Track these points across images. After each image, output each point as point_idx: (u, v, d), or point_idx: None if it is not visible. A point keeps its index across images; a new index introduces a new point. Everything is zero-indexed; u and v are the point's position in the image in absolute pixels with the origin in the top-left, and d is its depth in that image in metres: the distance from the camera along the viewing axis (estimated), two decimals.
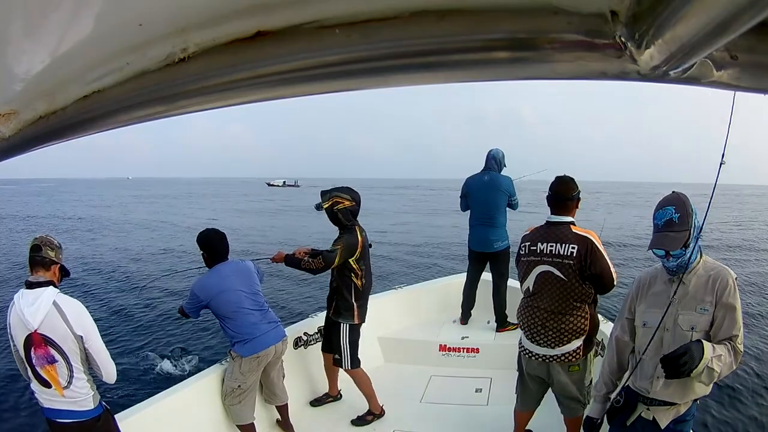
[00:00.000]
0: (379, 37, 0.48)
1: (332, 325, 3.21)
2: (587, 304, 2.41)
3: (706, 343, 1.76)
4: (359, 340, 3.21)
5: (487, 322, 4.20)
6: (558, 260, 2.38)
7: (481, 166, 4.19)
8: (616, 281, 2.41)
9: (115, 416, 2.35)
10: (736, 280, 1.86)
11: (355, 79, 0.53)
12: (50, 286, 2.10)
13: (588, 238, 2.37)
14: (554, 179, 2.54)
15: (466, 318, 4.30)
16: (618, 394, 2.03)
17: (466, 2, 0.45)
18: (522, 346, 2.58)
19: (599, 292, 2.44)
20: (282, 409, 3.08)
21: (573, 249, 2.35)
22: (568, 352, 2.40)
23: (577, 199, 2.51)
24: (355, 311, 3.12)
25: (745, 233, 19.17)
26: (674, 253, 1.83)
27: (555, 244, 2.40)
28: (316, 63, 0.52)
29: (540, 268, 2.44)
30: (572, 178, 2.53)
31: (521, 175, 4.47)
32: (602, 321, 2.63)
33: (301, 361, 3.52)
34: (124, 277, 11.21)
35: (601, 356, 2.88)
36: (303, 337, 3.59)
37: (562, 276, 2.37)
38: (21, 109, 0.65)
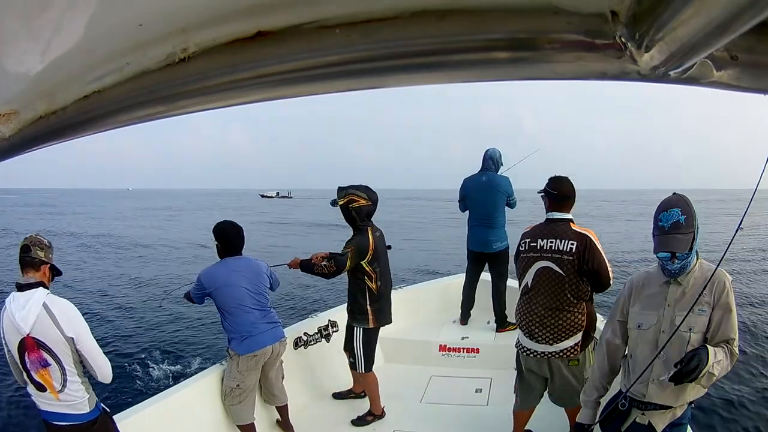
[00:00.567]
0: (379, 37, 0.48)
1: (348, 328, 3.21)
2: (584, 301, 2.44)
3: (711, 348, 1.74)
4: (375, 344, 3.18)
5: (487, 323, 4.20)
6: (557, 256, 2.42)
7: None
8: (612, 281, 2.45)
9: (116, 416, 2.34)
10: (732, 283, 1.85)
11: (355, 79, 0.53)
12: (40, 288, 2.05)
13: (587, 236, 2.42)
14: (552, 178, 2.56)
15: (465, 318, 4.30)
16: (622, 397, 1.98)
17: (466, 2, 0.45)
18: (520, 344, 2.60)
19: (596, 290, 2.48)
20: (282, 410, 3.08)
21: (572, 245, 2.39)
22: (567, 348, 2.43)
23: (574, 196, 2.55)
24: (370, 315, 3.07)
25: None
26: (680, 255, 1.80)
27: (555, 240, 2.44)
28: (317, 63, 0.52)
29: (539, 264, 2.47)
30: (568, 178, 2.56)
31: (513, 164, 4.40)
32: (600, 320, 2.64)
33: (301, 361, 3.51)
34: (124, 280, 11.17)
35: None
36: (303, 338, 3.58)
37: (561, 271, 2.40)
38: (21, 109, 0.65)
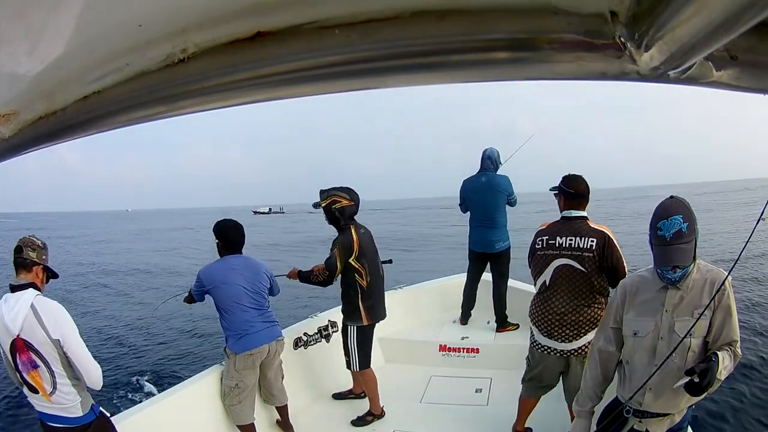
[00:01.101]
0: (379, 38, 0.48)
1: (343, 328, 3.22)
2: (604, 296, 2.48)
3: (720, 355, 1.67)
4: (371, 341, 3.18)
5: (487, 323, 4.19)
6: (578, 253, 2.43)
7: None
8: (627, 275, 2.45)
9: (115, 417, 2.34)
10: (731, 283, 1.76)
11: (355, 79, 0.53)
12: (30, 289, 2.02)
13: (604, 232, 2.45)
14: (566, 176, 2.57)
15: (466, 318, 4.29)
16: (625, 405, 1.91)
17: (466, 2, 0.45)
18: (537, 342, 2.59)
19: (612, 286, 2.50)
20: (282, 410, 3.08)
21: (592, 242, 2.41)
22: (584, 345, 2.44)
23: (589, 194, 2.56)
24: (363, 312, 3.08)
25: None
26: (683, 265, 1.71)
27: (574, 238, 2.45)
28: (316, 63, 0.52)
29: (558, 262, 2.48)
30: (582, 176, 2.57)
31: (509, 156, 4.37)
32: None
33: (301, 361, 3.51)
34: (123, 285, 11.08)
35: None
36: (303, 338, 3.58)
37: (583, 268, 2.42)
38: (21, 109, 0.65)
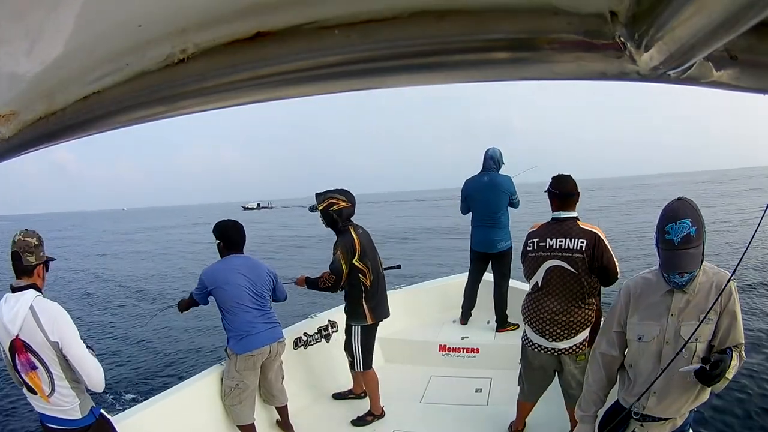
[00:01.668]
0: (379, 38, 0.48)
1: (347, 328, 3.23)
2: (594, 297, 2.48)
3: (734, 353, 1.66)
4: (374, 341, 3.19)
5: (487, 322, 4.19)
6: (568, 254, 2.43)
7: (474, 173, 4.14)
8: (619, 274, 2.48)
9: (116, 417, 2.34)
10: (736, 285, 1.75)
11: (355, 80, 0.53)
12: (30, 290, 2.00)
13: (595, 233, 2.44)
14: (555, 177, 2.57)
15: (466, 318, 4.28)
16: (632, 405, 1.89)
17: (466, 2, 0.45)
18: (529, 340, 2.60)
19: (604, 285, 2.51)
20: (282, 410, 3.08)
21: (582, 243, 2.41)
22: (576, 344, 2.46)
23: (578, 194, 2.57)
24: (367, 312, 3.09)
25: None
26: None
27: (564, 239, 2.45)
28: (316, 63, 0.52)
29: (549, 263, 2.48)
30: (570, 175, 2.57)
31: (514, 174, 4.39)
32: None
33: (301, 361, 3.51)
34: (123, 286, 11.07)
35: None
36: (303, 338, 3.58)
37: (573, 270, 2.42)
38: (21, 110, 0.65)
